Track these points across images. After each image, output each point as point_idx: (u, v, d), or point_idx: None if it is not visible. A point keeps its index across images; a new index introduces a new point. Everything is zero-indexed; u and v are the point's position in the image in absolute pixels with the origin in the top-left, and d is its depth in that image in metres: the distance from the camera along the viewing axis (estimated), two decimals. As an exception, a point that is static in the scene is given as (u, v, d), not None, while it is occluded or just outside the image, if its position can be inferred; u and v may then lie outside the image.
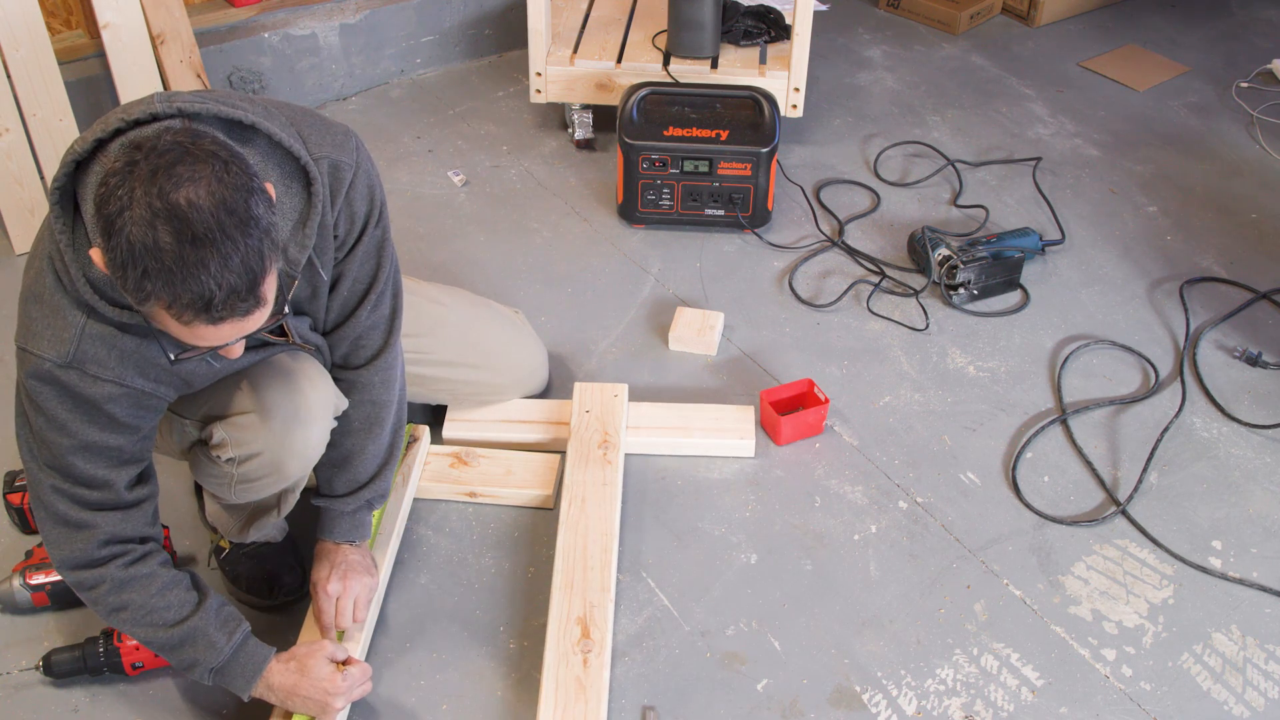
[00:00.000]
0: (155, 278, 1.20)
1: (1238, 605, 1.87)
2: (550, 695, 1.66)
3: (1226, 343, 2.38)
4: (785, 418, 2.10)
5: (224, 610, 1.58)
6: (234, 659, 1.56)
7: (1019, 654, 1.79)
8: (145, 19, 2.63)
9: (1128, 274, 2.58)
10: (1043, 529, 1.99)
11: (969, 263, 2.43)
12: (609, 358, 2.33)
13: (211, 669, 1.55)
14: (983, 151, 2.99)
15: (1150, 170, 2.94)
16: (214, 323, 1.25)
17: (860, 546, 1.96)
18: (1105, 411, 2.22)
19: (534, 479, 2.02)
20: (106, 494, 1.49)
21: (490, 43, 3.37)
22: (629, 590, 1.88)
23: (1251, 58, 3.44)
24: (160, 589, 1.53)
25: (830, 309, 2.46)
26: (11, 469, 1.96)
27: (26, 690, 1.71)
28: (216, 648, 1.54)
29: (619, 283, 2.53)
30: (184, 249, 1.19)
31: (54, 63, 2.50)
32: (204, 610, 1.55)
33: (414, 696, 1.72)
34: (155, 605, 1.53)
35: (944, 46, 3.50)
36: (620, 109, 2.63)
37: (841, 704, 1.72)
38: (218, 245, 1.20)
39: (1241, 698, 1.74)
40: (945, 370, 2.31)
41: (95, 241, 1.27)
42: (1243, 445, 2.16)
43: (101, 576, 1.51)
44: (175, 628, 1.53)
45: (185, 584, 1.57)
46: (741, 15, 2.98)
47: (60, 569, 1.53)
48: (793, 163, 2.91)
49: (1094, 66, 3.40)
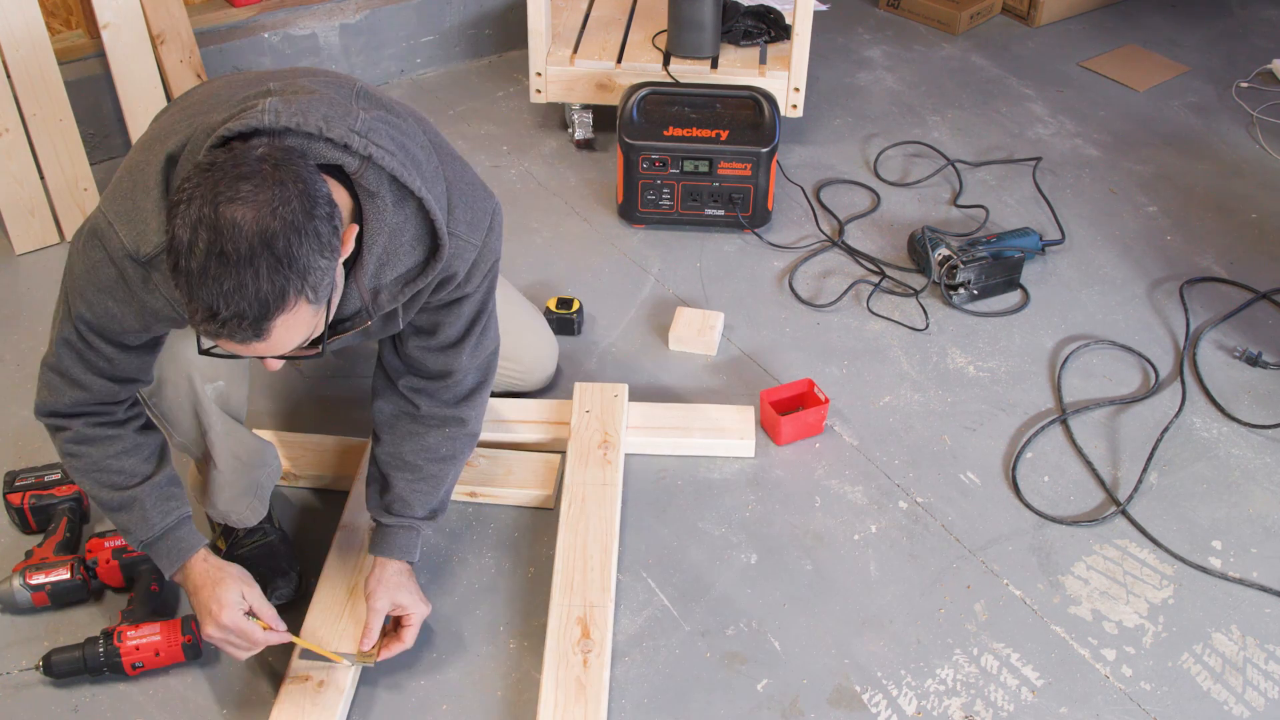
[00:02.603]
0: (181, 275, 1.25)
1: (1238, 605, 1.87)
2: (550, 695, 1.66)
3: (1226, 343, 2.38)
4: (785, 418, 2.10)
5: (168, 489, 1.62)
6: (162, 539, 1.61)
7: (1019, 654, 1.79)
8: (145, 19, 2.64)
9: (1128, 274, 2.58)
10: (1043, 529, 1.99)
11: (969, 263, 2.43)
12: (609, 358, 2.33)
13: (141, 541, 1.61)
14: (983, 151, 2.99)
15: (1150, 170, 2.94)
16: (212, 336, 1.29)
17: (860, 546, 1.96)
18: (1105, 411, 2.22)
19: (534, 479, 2.02)
20: (109, 367, 1.52)
21: (490, 43, 3.37)
22: (629, 590, 1.88)
23: (1251, 58, 3.44)
24: (118, 453, 1.58)
25: (830, 309, 2.46)
26: (11, 469, 1.96)
27: (26, 690, 1.71)
28: (149, 523, 1.60)
29: (619, 283, 2.53)
30: (209, 261, 1.23)
31: (54, 63, 2.50)
32: (149, 484, 1.60)
33: (414, 696, 1.72)
34: (107, 465, 1.58)
35: (944, 46, 3.50)
36: (620, 109, 2.63)
37: (841, 704, 1.72)
38: (239, 270, 1.23)
39: (1241, 698, 1.74)
40: (945, 370, 2.31)
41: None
42: (1243, 445, 2.16)
43: (70, 424, 1.57)
44: (117, 492, 1.59)
45: (145, 454, 1.61)
46: (741, 15, 2.98)
47: (37, 412, 1.59)
48: (793, 163, 2.91)
49: (1094, 66, 3.40)
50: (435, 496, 1.74)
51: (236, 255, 1.22)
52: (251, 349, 1.30)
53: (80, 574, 1.79)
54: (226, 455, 1.73)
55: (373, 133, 1.37)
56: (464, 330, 1.67)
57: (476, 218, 1.56)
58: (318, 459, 2.04)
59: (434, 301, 1.61)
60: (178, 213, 1.24)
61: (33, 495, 1.91)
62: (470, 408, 1.74)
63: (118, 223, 1.40)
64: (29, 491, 1.91)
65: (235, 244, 1.22)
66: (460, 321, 1.65)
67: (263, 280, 1.23)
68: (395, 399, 1.74)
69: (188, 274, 1.24)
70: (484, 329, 1.70)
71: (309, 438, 2.09)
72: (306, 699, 1.64)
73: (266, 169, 1.25)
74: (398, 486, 1.72)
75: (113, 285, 1.43)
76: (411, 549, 1.73)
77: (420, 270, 1.48)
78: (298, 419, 2.17)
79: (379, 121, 1.40)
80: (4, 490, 1.92)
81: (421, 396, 1.72)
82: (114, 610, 1.81)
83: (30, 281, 2.50)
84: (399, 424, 1.73)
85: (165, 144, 1.40)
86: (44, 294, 2.44)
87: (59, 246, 2.59)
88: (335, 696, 1.65)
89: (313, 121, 1.33)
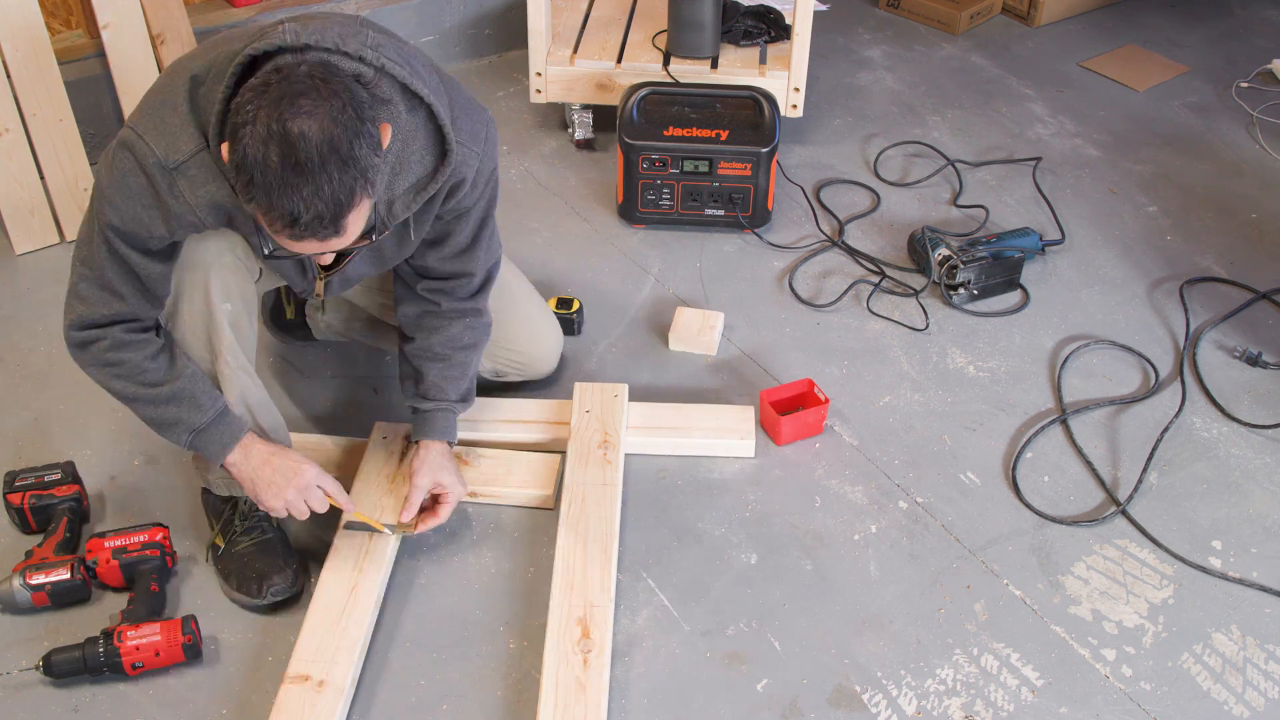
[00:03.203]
0: (258, 188, 1.38)
1: (1238, 605, 1.87)
2: (550, 695, 1.66)
3: (1226, 343, 2.38)
4: (785, 418, 2.10)
5: (206, 380, 1.72)
6: (215, 423, 1.71)
7: (1019, 654, 1.79)
8: (145, 19, 2.63)
9: (1128, 274, 2.58)
10: (1043, 529, 1.99)
11: (969, 263, 2.43)
12: (609, 358, 2.33)
13: (193, 429, 1.69)
14: (983, 151, 2.99)
15: (1150, 170, 2.94)
16: (295, 239, 1.43)
17: (860, 546, 1.96)
18: (1105, 411, 2.22)
19: (534, 479, 2.02)
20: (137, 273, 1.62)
21: (490, 43, 3.37)
22: (629, 590, 1.88)
23: (1251, 58, 3.44)
24: (155, 353, 1.68)
25: (830, 309, 2.46)
26: (11, 469, 1.96)
27: (26, 690, 1.71)
28: (201, 408, 1.69)
29: (619, 283, 2.53)
30: (285, 172, 1.36)
31: (54, 63, 2.50)
32: (190, 375, 1.70)
33: (414, 696, 1.72)
34: (147, 366, 1.67)
35: (944, 46, 3.50)
36: (620, 109, 2.63)
37: (841, 704, 1.72)
38: (314, 175, 1.37)
39: (1241, 698, 1.74)
40: (945, 370, 2.31)
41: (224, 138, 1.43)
42: (1243, 445, 2.16)
43: (105, 334, 1.65)
44: (163, 386, 1.67)
45: (178, 352, 1.70)
46: (741, 15, 2.98)
47: (71, 328, 1.66)
48: (793, 163, 2.91)
49: (1094, 66, 3.40)
50: (464, 382, 1.93)
51: (309, 163, 1.36)
52: (328, 245, 1.46)
53: (80, 574, 1.79)
54: (235, 394, 1.76)
55: (383, 48, 1.51)
56: (473, 236, 1.83)
57: (476, 128, 1.69)
58: (317, 459, 2.02)
59: (444, 213, 1.75)
60: (244, 134, 1.37)
61: (33, 495, 1.90)
62: (484, 299, 1.93)
63: (147, 135, 1.52)
64: (29, 491, 1.91)
65: (306, 153, 1.36)
66: (469, 228, 1.81)
67: (335, 182, 1.38)
68: (417, 302, 1.90)
69: (265, 187, 1.37)
70: (490, 233, 1.87)
71: (309, 438, 2.09)
72: (306, 699, 1.64)
73: (317, 83, 1.39)
74: (431, 375, 1.90)
75: (141, 192, 1.54)
76: (451, 430, 1.91)
77: (430, 177, 1.62)
78: (298, 419, 2.17)
79: (386, 40, 1.54)
80: (4, 490, 1.92)
81: (440, 295, 1.88)
82: (114, 610, 1.81)
83: (30, 281, 2.50)
84: (424, 321, 1.90)
85: (188, 68, 1.53)
86: (44, 294, 2.43)
87: (59, 246, 2.59)
88: (335, 696, 1.65)
89: (329, 39, 1.46)
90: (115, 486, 2.03)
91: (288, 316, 2.26)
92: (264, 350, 2.28)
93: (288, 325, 2.27)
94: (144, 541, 1.82)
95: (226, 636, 1.79)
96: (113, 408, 2.16)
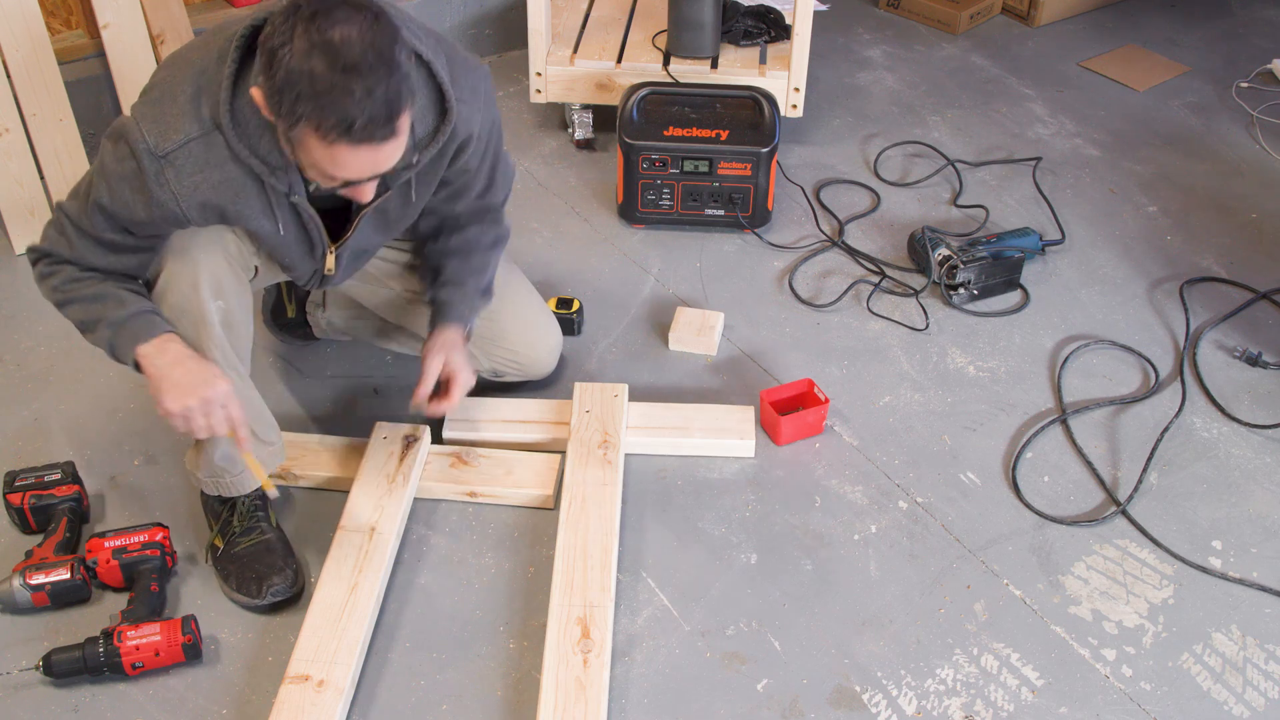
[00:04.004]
0: (307, 100, 1.38)
1: (1238, 605, 1.87)
2: (550, 695, 1.66)
3: (1226, 343, 2.38)
4: (785, 418, 2.10)
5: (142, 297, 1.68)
6: (136, 317, 1.65)
7: (1019, 654, 1.79)
8: (145, 19, 2.63)
9: (1128, 274, 2.58)
10: (1043, 529, 1.99)
11: (969, 263, 2.43)
12: (609, 358, 2.33)
13: (113, 323, 1.64)
14: (983, 151, 2.99)
15: (1150, 170, 2.94)
16: (354, 144, 1.42)
17: (860, 546, 1.96)
18: (1105, 411, 2.22)
19: (534, 479, 2.02)
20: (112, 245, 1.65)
21: (490, 43, 3.37)
22: (629, 590, 1.88)
23: (1251, 58, 3.45)
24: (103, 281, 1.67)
25: (830, 309, 2.46)
26: (11, 469, 1.96)
27: (26, 690, 1.71)
28: (124, 305, 1.65)
29: (619, 283, 2.53)
30: (335, 75, 1.37)
31: (54, 63, 2.50)
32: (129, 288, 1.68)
33: (414, 696, 1.72)
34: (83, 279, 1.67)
35: (944, 46, 3.50)
36: (620, 109, 2.63)
37: (841, 704, 1.72)
38: (364, 75, 1.38)
39: (1241, 698, 1.74)
40: (945, 370, 2.31)
41: (257, 82, 1.45)
42: (1243, 445, 2.16)
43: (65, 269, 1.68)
44: (92, 286, 1.67)
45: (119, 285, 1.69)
46: (741, 15, 2.98)
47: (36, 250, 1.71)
48: (793, 163, 2.91)
49: (1094, 66, 3.40)
50: (483, 276, 1.95)
51: (358, 65, 1.38)
52: (383, 151, 1.45)
53: (80, 574, 1.79)
54: None
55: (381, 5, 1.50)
56: (489, 178, 1.90)
57: (475, 84, 1.73)
58: (318, 459, 2.04)
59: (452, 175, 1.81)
60: (282, 54, 1.38)
61: (33, 495, 1.90)
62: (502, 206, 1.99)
63: (143, 122, 1.55)
64: (29, 491, 1.91)
65: (353, 56, 1.37)
66: (483, 174, 1.88)
67: (386, 83, 1.40)
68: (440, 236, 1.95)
69: (314, 96, 1.38)
70: (504, 167, 1.94)
71: (309, 438, 2.09)
72: (306, 699, 1.64)
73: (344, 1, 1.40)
74: (449, 269, 1.93)
75: (130, 175, 1.56)
76: (466, 315, 1.93)
77: (431, 136, 1.65)
78: (298, 419, 2.17)
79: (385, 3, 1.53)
80: (4, 490, 1.92)
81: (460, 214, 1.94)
82: (114, 610, 1.81)
83: (30, 281, 2.48)
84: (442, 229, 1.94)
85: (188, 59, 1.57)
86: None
87: (59, 246, 2.59)
88: (335, 696, 1.65)
89: None
90: (115, 486, 2.03)
91: (289, 315, 2.26)
92: (264, 350, 2.28)
93: (288, 324, 2.27)
94: (144, 541, 1.82)
95: (226, 636, 1.79)
96: (113, 408, 2.16)
